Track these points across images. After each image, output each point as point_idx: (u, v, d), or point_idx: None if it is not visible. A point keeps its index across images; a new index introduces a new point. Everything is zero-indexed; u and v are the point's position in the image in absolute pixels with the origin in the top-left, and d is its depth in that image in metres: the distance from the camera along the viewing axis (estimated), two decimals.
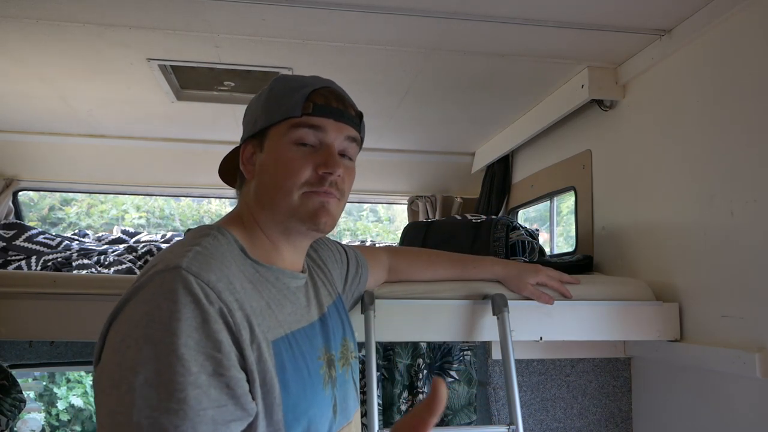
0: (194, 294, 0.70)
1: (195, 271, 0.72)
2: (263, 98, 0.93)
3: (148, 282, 0.71)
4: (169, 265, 0.72)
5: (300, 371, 0.81)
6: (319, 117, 0.88)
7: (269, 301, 0.82)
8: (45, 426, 6.83)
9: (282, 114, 0.89)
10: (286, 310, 0.85)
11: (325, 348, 0.91)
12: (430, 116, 2.41)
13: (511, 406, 1.35)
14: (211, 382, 0.67)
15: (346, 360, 0.98)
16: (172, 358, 0.65)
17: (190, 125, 2.54)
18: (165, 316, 0.68)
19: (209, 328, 0.69)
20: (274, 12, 1.49)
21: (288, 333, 0.82)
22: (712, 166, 1.44)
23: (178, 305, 0.68)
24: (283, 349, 0.79)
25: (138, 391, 0.64)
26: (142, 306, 0.69)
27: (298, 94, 0.89)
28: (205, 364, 0.67)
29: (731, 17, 1.39)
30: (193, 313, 0.69)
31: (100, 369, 0.70)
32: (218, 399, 0.68)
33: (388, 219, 8.21)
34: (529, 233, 1.85)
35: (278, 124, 0.89)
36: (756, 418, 1.31)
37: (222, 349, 0.69)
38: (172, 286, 0.70)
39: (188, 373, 0.66)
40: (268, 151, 0.90)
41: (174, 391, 0.65)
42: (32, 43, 1.70)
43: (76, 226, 7.44)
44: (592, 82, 1.83)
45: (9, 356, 1.91)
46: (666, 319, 1.53)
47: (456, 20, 1.52)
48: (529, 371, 1.72)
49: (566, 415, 1.73)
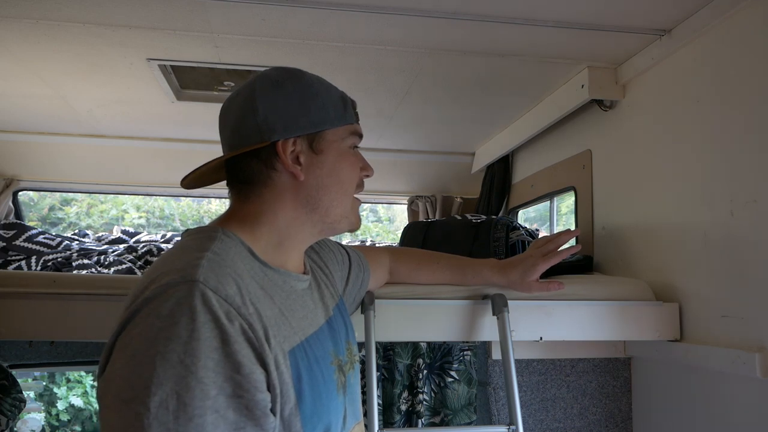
0: (214, 312, 0.67)
1: (213, 285, 0.69)
2: (299, 96, 0.89)
3: (160, 293, 0.68)
4: (186, 277, 0.69)
5: (315, 379, 0.80)
6: (358, 125, 0.97)
7: (281, 307, 0.80)
8: (45, 426, 6.83)
9: (342, 120, 0.93)
10: (297, 315, 0.83)
11: (335, 352, 0.90)
12: (430, 116, 2.41)
13: (511, 406, 1.35)
14: (230, 404, 0.65)
15: (351, 363, 0.98)
16: (191, 380, 0.63)
17: (190, 125, 2.54)
18: (184, 335, 0.64)
19: (229, 348, 0.66)
20: (274, 12, 1.49)
21: (303, 340, 0.81)
22: (712, 166, 1.44)
23: (197, 324, 0.65)
24: (299, 358, 0.78)
25: (153, 412, 0.62)
26: (157, 321, 0.66)
27: (345, 101, 0.95)
28: (225, 386, 0.65)
29: (731, 17, 1.39)
30: (213, 333, 0.66)
31: (106, 381, 0.66)
32: (236, 422, 0.66)
33: (388, 219, 8.21)
34: (529, 233, 1.85)
35: (336, 128, 0.93)
36: (756, 418, 1.31)
37: (242, 371, 0.67)
38: (191, 303, 0.66)
39: (207, 397, 0.64)
40: (329, 152, 0.91)
41: (193, 416, 0.62)
42: (32, 43, 1.70)
43: (76, 226, 7.45)
44: (592, 82, 1.83)
45: (9, 356, 1.91)
46: (666, 319, 1.53)
47: (456, 20, 1.52)
48: (529, 371, 1.72)
49: (566, 415, 1.73)
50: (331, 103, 0.92)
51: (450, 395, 1.65)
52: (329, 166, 0.90)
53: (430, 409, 1.66)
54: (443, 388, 1.66)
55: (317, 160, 0.89)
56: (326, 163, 0.90)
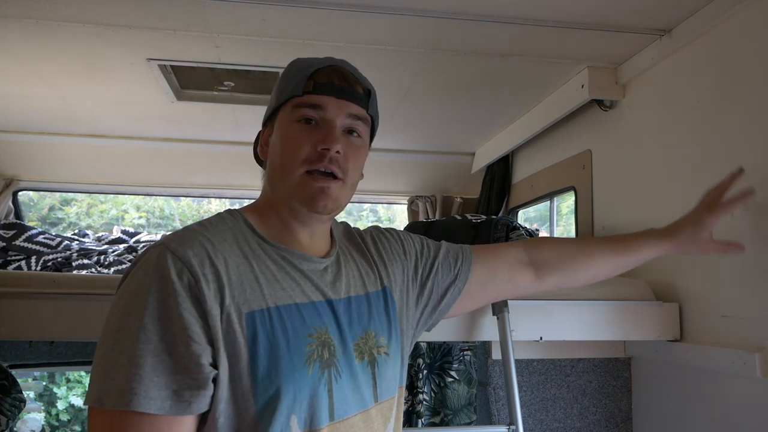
0: (165, 269, 0.77)
1: (173, 246, 0.79)
2: (278, 81, 0.98)
3: (141, 256, 0.82)
4: (158, 242, 0.82)
5: (276, 345, 0.82)
6: (319, 95, 0.91)
7: (260, 275, 0.85)
8: (45, 426, 6.83)
9: (287, 94, 0.92)
10: (276, 286, 0.86)
11: (325, 330, 0.88)
12: (430, 116, 2.41)
13: (511, 406, 1.35)
14: (169, 350, 0.74)
15: (363, 353, 0.92)
16: (136, 326, 0.74)
17: (190, 125, 2.54)
18: (139, 288, 0.77)
19: (173, 300, 0.76)
20: (274, 12, 1.49)
21: (271, 306, 0.83)
22: (712, 166, 1.44)
23: (150, 278, 0.77)
24: (259, 322, 0.81)
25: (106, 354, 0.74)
26: (130, 279, 0.79)
27: (302, 74, 0.92)
28: (165, 334, 0.74)
29: (731, 17, 1.39)
30: (161, 286, 0.76)
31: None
32: (173, 367, 0.74)
33: (388, 219, 8.21)
34: (529, 233, 1.85)
35: (284, 105, 0.93)
36: (756, 418, 1.31)
37: (182, 322, 0.75)
38: (150, 261, 0.78)
39: (149, 341, 0.73)
40: (276, 131, 0.94)
41: (134, 356, 0.73)
42: (32, 43, 1.70)
43: (76, 226, 7.45)
44: (592, 82, 1.83)
45: (9, 356, 1.91)
46: (666, 319, 1.53)
47: (456, 20, 1.52)
48: (529, 371, 1.72)
49: (566, 415, 1.73)
50: (288, 80, 0.94)
51: (450, 395, 1.65)
52: (276, 142, 0.93)
53: (430, 409, 1.66)
54: (443, 388, 1.66)
55: (271, 140, 0.95)
56: (275, 141, 0.93)
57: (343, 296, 0.94)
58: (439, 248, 1.14)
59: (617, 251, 1.21)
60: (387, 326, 0.98)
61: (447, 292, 1.10)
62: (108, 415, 0.73)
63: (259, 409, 0.79)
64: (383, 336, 0.97)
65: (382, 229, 1.12)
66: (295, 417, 0.81)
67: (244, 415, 0.78)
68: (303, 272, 0.90)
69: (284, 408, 0.80)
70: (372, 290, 0.99)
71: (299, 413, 0.81)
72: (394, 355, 0.97)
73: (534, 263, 1.17)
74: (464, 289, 1.11)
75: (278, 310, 0.84)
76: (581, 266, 1.20)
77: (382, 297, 1.00)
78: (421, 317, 1.09)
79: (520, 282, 1.16)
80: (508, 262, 1.16)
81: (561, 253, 1.19)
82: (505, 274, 1.15)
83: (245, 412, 0.78)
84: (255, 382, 0.79)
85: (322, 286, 0.92)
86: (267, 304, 0.83)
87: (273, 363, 0.81)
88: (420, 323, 1.10)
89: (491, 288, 1.16)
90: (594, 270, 1.21)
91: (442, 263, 1.11)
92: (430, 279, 1.09)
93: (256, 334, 0.80)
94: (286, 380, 0.81)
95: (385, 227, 1.14)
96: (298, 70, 0.94)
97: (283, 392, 0.80)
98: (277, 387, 0.80)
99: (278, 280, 0.87)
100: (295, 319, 0.85)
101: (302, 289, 0.89)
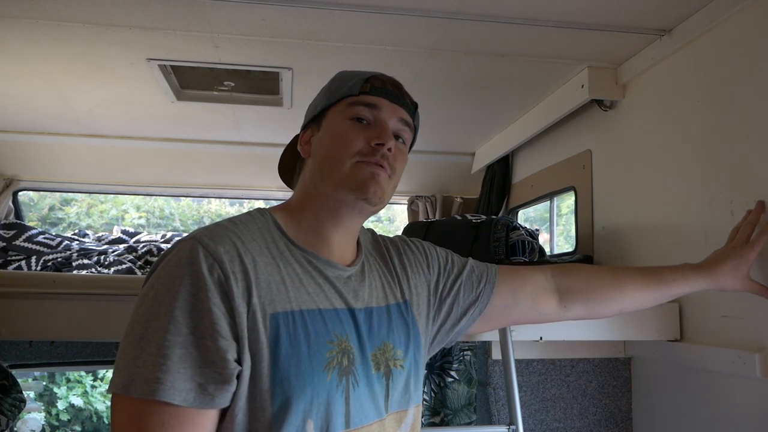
0: (197, 263, 0.78)
1: (205, 242, 0.80)
2: (325, 88, 1.00)
3: (171, 249, 0.83)
4: (190, 236, 0.83)
5: (297, 348, 0.82)
6: (375, 96, 0.94)
7: (286, 277, 0.86)
8: (45, 426, 6.83)
9: (340, 94, 0.95)
10: (301, 290, 0.86)
11: (345, 338, 0.89)
12: (430, 116, 2.41)
13: (511, 406, 1.35)
14: (197, 343, 0.75)
15: (380, 364, 0.92)
16: (167, 318, 0.75)
17: (190, 125, 2.54)
18: (169, 280, 0.77)
19: (203, 294, 0.77)
20: (274, 12, 1.49)
21: (295, 310, 0.84)
22: (712, 166, 1.44)
23: (182, 271, 0.78)
24: (282, 324, 0.82)
25: (134, 343, 0.75)
26: (161, 270, 0.80)
27: (358, 77, 0.96)
28: (195, 327, 0.75)
29: (731, 17, 1.39)
30: (192, 280, 0.77)
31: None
32: (200, 359, 0.75)
33: (388, 219, 8.21)
34: (529, 233, 1.85)
35: (336, 104, 0.95)
36: (756, 418, 1.31)
37: (211, 317, 0.76)
38: (182, 255, 0.79)
39: (178, 333, 0.74)
40: (325, 128, 0.95)
41: (162, 347, 0.73)
42: (32, 43, 1.70)
43: (76, 226, 7.45)
44: (592, 82, 1.83)
45: (9, 356, 1.91)
46: (666, 319, 1.53)
47: (456, 20, 1.52)
48: (529, 371, 1.72)
49: (566, 415, 1.73)
50: (340, 83, 0.97)
51: (450, 395, 1.65)
52: (326, 138, 0.94)
53: (430, 409, 1.66)
54: (443, 388, 1.66)
55: (318, 138, 0.96)
56: (324, 137, 0.95)
57: (365, 306, 0.94)
58: (463, 266, 1.11)
59: (650, 285, 1.16)
60: (405, 339, 0.98)
61: (467, 312, 1.08)
62: (132, 403, 0.73)
63: (275, 411, 0.79)
64: (400, 349, 0.97)
65: (408, 241, 1.12)
66: (311, 421, 0.81)
67: (261, 415, 0.79)
68: (328, 278, 0.91)
69: (300, 411, 0.80)
70: (392, 302, 1.00)
71: (315, 418, 0.82)
72: (408, 368, 0.98)
73: (560, 291, 1.14)
74: (485, 311, 1.09)
75: (302, 313, 0.85)
76: (610, 298, 1.16)
77: (402, 310, 1.00)
78: (437, 334, 1.08)
79: (544, 309, 1.13)
80: (533, 287, 1.13)
81: (589, 282, 1.15)
82: (528, 300, 1.12)
83: (262, 412, 0.79)
84: (274, 382, 0.79)
85: (345, 294, 0.92)
86: (291, 307, 0.84)
87: (293, 366, 0.81)
88: (436, 340, 1.09)
89: (513, 312, 1.13)
90: (623, 303, 1.17)
91: (464, 282, 1.09)
92: (450, 296, 1.07)
93: (278, 336, 0.81)
94: (304, 384, 0.81)
95: (411, 238, 1.13)
96: (351, 75, 0.98)
97: (301, 396, 0.80)
98: (294, 390, 0.80)
99: (303, 284, 0.87)
100: (318, 324, 0.86)
101: (326, 295, 0.90)
